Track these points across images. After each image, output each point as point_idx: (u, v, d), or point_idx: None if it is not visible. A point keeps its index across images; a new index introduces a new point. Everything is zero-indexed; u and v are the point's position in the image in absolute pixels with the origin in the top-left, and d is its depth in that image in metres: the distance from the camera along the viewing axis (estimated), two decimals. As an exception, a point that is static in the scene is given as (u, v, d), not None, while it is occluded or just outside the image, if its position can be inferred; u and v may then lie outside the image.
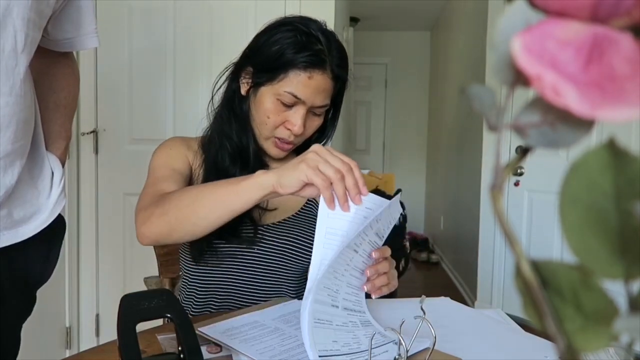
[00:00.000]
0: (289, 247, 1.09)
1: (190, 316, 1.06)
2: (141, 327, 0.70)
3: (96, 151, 2.29)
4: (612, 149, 0.20)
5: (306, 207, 1.15)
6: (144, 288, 1.24)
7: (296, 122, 1.01)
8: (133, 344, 0.64)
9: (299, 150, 1.16)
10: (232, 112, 1.08)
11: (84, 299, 2.33)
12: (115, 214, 2.30)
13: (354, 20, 4.84)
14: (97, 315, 2.35)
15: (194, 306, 1.09)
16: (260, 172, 0.83)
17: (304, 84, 0.99)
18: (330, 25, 1.20)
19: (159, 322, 1.00)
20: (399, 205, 0.78)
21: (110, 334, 2.27)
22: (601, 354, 0.71)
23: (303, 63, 0.98)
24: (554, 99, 0.19)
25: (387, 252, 0.87)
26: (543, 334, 0.22)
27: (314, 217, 1.15)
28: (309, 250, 1.11)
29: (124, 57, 2.27)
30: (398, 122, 6.09)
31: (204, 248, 1.05)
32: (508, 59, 0.21)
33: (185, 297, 1.12)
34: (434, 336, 0.74)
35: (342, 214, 0.78)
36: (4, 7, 0.78)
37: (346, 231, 0.78)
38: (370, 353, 0.72)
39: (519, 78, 0.21)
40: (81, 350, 2.17)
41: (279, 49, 0.99)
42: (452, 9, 4.63)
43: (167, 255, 1.29)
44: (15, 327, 0.99)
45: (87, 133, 2.27)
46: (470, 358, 0.79)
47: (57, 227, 1.00)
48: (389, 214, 0.79)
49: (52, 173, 0.99)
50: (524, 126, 0.22)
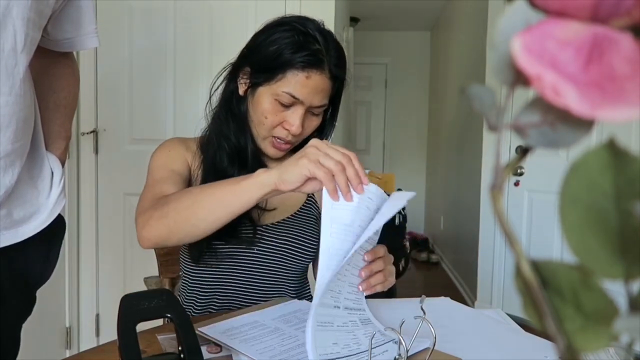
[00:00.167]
0: (288, 247, 1.09)
1: (192, 316, 1.06)
2: (141, 327, 0.70)
3: (96, 151, 2.29)
4: (612, 149, 0.20)
5: (305, 207, 1.14)
6: (144, 288, 1.24)
7: (294, 122, 1.01)
8: (133, 344, 0.64)
9: (297, 150, 1.16)
10: (230, 113, 1.08)
11: (84, 299, 2.33)
12: (115, 214, 2.30)
13: (354, 20, 4.84)
14: (97, 315, 2.35)
15: (195, 307, 1.09)
16: (260, 171, 0.84)
17: (301, 84, 0.98)
18: (331, 25, 1.20)
19: (159, 322, 1.00)
20: (403, 201, 0.77)
21: (110, 334, 2.27)
22: (601, 354, 0.71)
23: (301, 63, 0.98)
24: (554, 99, 0.19)
25: (381, 251, 0.87)
26: (543, 334, 0.22)
27: (313, 217, 1.14)
28: (308, 250, 1.11)
29: (124, 57, 2.27)
30: (398, 122, 6.09)
31: (203, 249, 1.04)
32: (508, 59, 0.21)
33: (186, 298, 1.11)
34: (434, 336, 0.74)
35: (345, 204, 0.78)
36: (4, 7, 0.78)
37: (351, 220, 0.78)
38: (370, 353, 0.72)
39: (519, 78, 0.21)
40: (81, 350, 2.17)
41: (276, 49, 0.99)
42: (452, 9, 4.63)
43: (167, 256, 1.29)
44: (15, 327, 0.99)
45: (87, 133, 2.27)
46: (470, 358, 0.79)
47: (57, 227, 1.00)
48: (390, 206, 0.78)
49: (52, 173, 0.99)
50: (524, 126, 0.22)
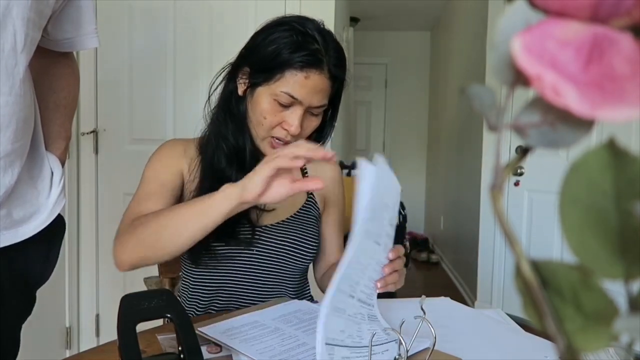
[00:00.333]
0: (288, 248, 1.09)
1: (192, 316, 1.06)
2: (141, 327, 0.70)
3: (96, 151, 2.29)
4: (612, 149, 0.20)
5: (305, 208, 1.14)
6: (144, 288, 1.24)
7: (293, 122, 1.00)
8: (133, 344, 0.64)
9: None
10: (229, 113, 1.07)
11: (84, 299, 2.33)
12: (115, 214, 2.28)
13: (354, 20, 4.84)
14: (97, 315, 2.35)
15: (198, 308, 1.09)
16: (226, 185, 0.86)
17: (300, 84, 0.98)
18: (330, 25, 1.19)
19: (159, 322, 1.00)
20: (393, 179, 0.76)
21: (110, 334, 2.27)
22: (601, 354, 0.71)
23: (299, 63, 0.97)
24: (554, 99, 0.19)
25: (402, 251, 0.88)
26: (543, 334, 0.22)
27: (312, 218, 1.14)
28: (308, 251, 1.11)
29: (124, 57, 2.27)
30: (398, 122, 6.09)
31: (202, 251, 1.04)
32: (508, 59, 0.21)
33: (189, 299, 1.11)
34: (434, 336, 0.74)
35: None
36: (4, 7, 0.78)
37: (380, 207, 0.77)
38: (370, 353, 0.72)
39: (519, 78, 0.21)
40: (81, 350, 2.17)
41: (275, 48, 0.98)
42: (452, 9, 4.63)
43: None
44: (15, 327, 0.99)
45: (87, 133, 2.27)
46: (470, 358, 0.80)
47: (57, 227, 1.00)
48: (387, 187, 0.77)
49: (52, 173, 0.99)
50: (524, 126, 0.22)
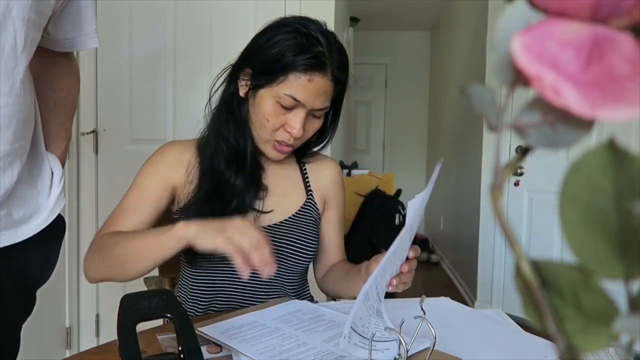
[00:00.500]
0: (286, 249, 1.08)
1: (192, 316, 1.06)
2: (141, 327, 0.70)
3: (96, 151, 2.29)
4: (612, 149, 0.20)
5: (303, 209, 1.14)
6: (144, 288, 1.24)
7: (296, 125, 1.00)
8: (133, 344, 0.64)
9: (297, 151, 1.16)
10: (231, 114, 1.07)
11: (84, 299, 2.33)
12: (115, 214, 2.30)
13: (354, 20, 4.84)
14: (97, 315, 2.35)
15: (198, 310, 1.09)
16: (181, 225, 0.89)
17: (304, 87, 0.98)
18: (331, 26, 1.19)
19: (159, 322, 1.00)
20: (419, 207, 0.77)
21: (110, 334, 2.27)
22: (601, 354, 0.71)
23: (303, 66, 0.97)
24: (554, 99, 0.19)
25: (419, 251, 0.90)
26: (543, 334, 0.22)
27: (312, 219, 1.14)
28: (307, 252, 1.11)
29: (124, 57, 2.27)
30: (398, 122, 6.09)
31: (197, 252, 1.04)
32: (508, 59, 0.21)
33: (189, 301, 1.11)
34: (434, 336, 0.74)
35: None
36: (4, 7, 0.78)
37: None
38: (370, 349, 0.72)
39: (519, 78, 0.21)
40: (81, 350, 2.17)
41: (278, 51, 0.98)
42: (452, 9, 4.63)
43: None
44: (15, 327, 0.99)
45: (87, 133, 2.27)
46: (470, 358, 0.79)
47: (57, 227, 1.00)
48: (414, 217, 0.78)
49: (52, 173, 0.99)
50: (524, 126, 0.22)
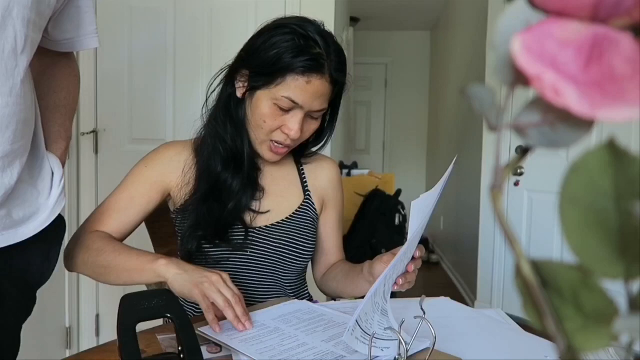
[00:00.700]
0: (284, 250, 1.08)
1: (192, 316, 1.06)
2: (141, 327, 0.70)
3: (96, 151, 2.29)
4: (612, 149, 0.20)
5: (301, 209, 1.13)
6: (144, 288, 1.24)
7: (293, 127, 1.00)
8: (133, 344, 0.64)
9: (295, 151, 1.15)
10: (228, 116, 1.06)
11: (84, 299, 2.33)
12: (115, 214, 2.30)
13: (354, 20, 4.84)
14: (97, 315, 2.35)
15: (198, 309, 1.08)
16: (162, 262, 0.91)
17: (301, 89, 0.97)
18: (330, 26, 1.19)
19: (159, 322, 1.00)
20: (424, 207, 0.77)
21: (110, 334, 2.27)
22: (601, 354, 0.71)
23: (301, 68, 0.96)
24: (554, 99, 0.19)
25: (424, 250, 0.91)
26: (543, 334, 0.22)
27: (309, 219, 1.13)
28: (305, 252, 1.11)
29: (124, 57, 2.27)
30: (398, 122, 6.09)
31: (193, 253, 1.04)
32: (508, 59, 0.21)
33: (189, 300, 1.11)
34: (434, 336, 0.74)
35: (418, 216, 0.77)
36: (4, 8, 0.78)
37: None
38: (370, 347, 0.72)
39: (519, 78, 0.21)
40: (81, 350, 2.17)
41: (276, 53, 0.97)
42: (452, 9, 4.62)
43: (167, 255, 1.28)
44: (15, 327, 0.98)
45: (87, 133, 2.26)
46: (470, 358, 0.79)
47: (57, 227, 1.00)
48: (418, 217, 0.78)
49: (52, 173, 0.99)
50: (524, 126, 0.22)
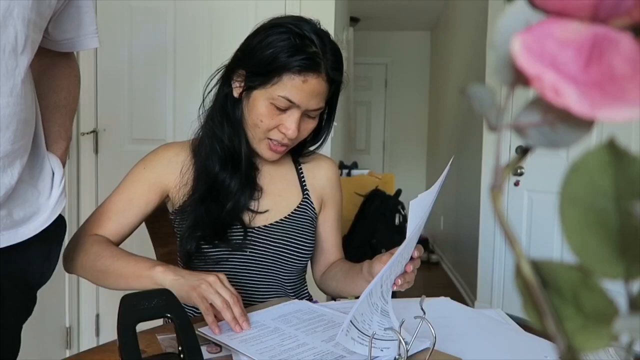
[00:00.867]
0: (283, 249, 1.08)
1: (192, 316, 1.06)
2: (141, 327, 0.70)
3: (96, 151, 2.29)
4: (612, 149, 0.20)
5: (300, 209, 1.13)
6: (144, 288, 1.24)
7: (290, 126, 1.00)
8: (133, 344, 0.64)
9: (293, 151, 1.15)
10: (225, 116, 1.06)
11: (84, 299, 2.33)
12: (115, 214, 2.30)
13: (354, 20, 4.84)
14: (97, 315, 2.35)
15: (198, 309, 1.08)
16: (160, 269, 0.92)
17: (298, 88, 0.97)
18: (330, 26, 1.19)
19: (159, 322, 1.00)
20: (423, 205, 0.77)
21: (110, 334, 2.27)
22: (601, 354, 0.71)
23: (297, 67, 0.96)
24: (554, 99, 0.19)
25: (422, 250, 0.91)
26: (543, 334, 0.22)
27: (308, 218, 1.13)
28: (304, 251, 1.11)
29: (124, 57, 2.27)
30: (398, 122, 6.09)
31: (192, 253, 1.04)
32: (508, 59, 0.21)
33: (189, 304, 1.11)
34: (434, 336, 0.74)
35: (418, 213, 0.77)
36: (5, 8, 0.78)
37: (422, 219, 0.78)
38: (370, 347, 0.72)
39: (519, 78, 0.21)
40: (81, 350, 2.17)
41: (272, 52, 0.97)
42: (452, 9, 4.62)
43: (167, 255, 1.28)
44: (16, 327, 0.98)
45: (87, 133, 2.26)
46: (470, 358, 0.80)
47: (57, 227, 1.00)
48: (428, 205, 0.79)
49: (53, 173, 0.99)
50: (524, 126, 0.22)
